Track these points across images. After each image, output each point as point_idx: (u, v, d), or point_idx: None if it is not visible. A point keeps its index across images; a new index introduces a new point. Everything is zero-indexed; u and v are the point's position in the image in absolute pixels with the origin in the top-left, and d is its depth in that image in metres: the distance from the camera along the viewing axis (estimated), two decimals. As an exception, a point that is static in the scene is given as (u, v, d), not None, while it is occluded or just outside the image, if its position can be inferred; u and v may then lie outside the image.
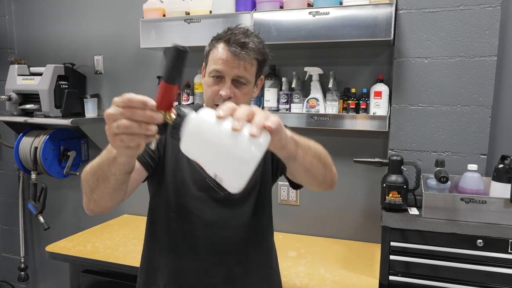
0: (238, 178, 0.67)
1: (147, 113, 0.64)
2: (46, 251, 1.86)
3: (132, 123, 0.64)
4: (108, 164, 0.78)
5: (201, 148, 0.68)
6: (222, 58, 1.04)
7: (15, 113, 2.35)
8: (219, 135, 0.66)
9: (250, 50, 1.05)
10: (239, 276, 1.14)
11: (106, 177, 0.80)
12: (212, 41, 1.10)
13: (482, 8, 1.64)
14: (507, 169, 1.50)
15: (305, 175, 0.90)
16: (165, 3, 2.04)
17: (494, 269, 1.36)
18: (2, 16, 2.62)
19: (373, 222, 1.94)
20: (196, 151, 0.69)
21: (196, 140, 0.67)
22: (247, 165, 0.66)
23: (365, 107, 1.82)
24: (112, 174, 0.79)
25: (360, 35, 1.66)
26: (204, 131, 0.66)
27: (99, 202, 0.88)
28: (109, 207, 0.90)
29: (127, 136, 0.65)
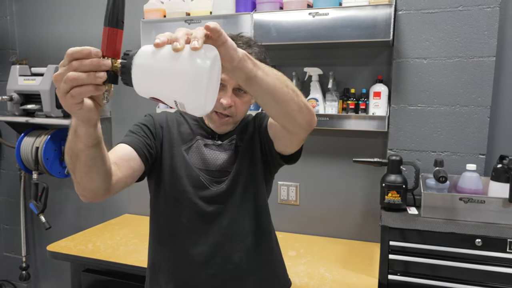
0: (196, 95, 0.65)
1: (93, 61, 0.63)
2: (47, 250, 1.87)
3: (79, 74, 0.62)
4: (74, 141, 0.76)
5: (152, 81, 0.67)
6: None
7: (17, 113, 2.36)
8: (163, 62, 0.65)
9: None
10: (238, 264, 1.14)
11: (76, 155, 0.79)
12: None
13: (481, 9, 1.65)
14: (505, 169, 1.50)
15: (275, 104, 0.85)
16: (165, 4, 2.05)
17: (492, 268, 1.37)
18: (4, 17, 2.63)
19: (373, 222, 1.95)
20: (148, 86, 0.67)
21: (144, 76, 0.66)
22: (199, 79, 0.64)
23: (364, 107, 1.82)
24: (79, 150, 0.77)
25: (359, 36, 1.67)
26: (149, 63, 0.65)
27: (82, 184, 0.85)
28: (94, 188, 0.86)
29: (77, 89, 0.63)
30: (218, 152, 1.15)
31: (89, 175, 0.83)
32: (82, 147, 0.76)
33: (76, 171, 0.82)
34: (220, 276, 1.13)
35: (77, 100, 0.65)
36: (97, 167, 0.82)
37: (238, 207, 1.14)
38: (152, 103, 2.30)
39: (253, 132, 1.18)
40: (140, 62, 0.66)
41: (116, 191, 0.93)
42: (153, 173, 1.14)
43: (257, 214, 1.18)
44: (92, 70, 0.63)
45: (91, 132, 0.74)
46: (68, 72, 0.63)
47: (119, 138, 1.07)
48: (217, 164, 1.14)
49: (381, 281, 1.47)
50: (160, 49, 0.65)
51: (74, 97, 0.64)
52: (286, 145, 1.08)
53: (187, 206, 1.12)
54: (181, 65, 0.64)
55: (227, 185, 1.13)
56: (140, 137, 1.07)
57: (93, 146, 0.77)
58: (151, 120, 1.15)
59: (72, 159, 0.80)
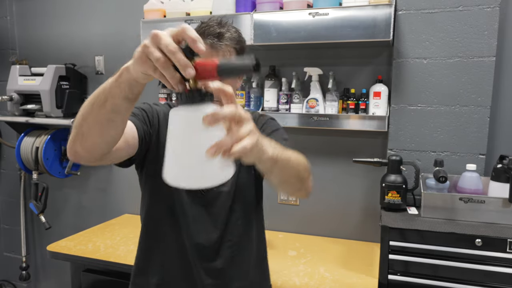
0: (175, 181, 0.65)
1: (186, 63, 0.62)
2: (48, 250, 1.87)
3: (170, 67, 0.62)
4: (111, 83, 0.72)
5: (175, 134, 0.65)
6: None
7: (17, 113, 2.36)
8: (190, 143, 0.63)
9: (227, 39, 1.02)
10: (224, 269, 1.13)
11: (104, 101, 0.73)
12: None
13: (481, 9, 1.65)
14: (505, 169, 1.50)
15: (277, 185, 0.91)
16: (165, 4, 2.05)
17: (492, 268, 1.37)
18: (4, 17, 2.63)
19: (373, 222, 1.95)
20: (172, 131, 0.66)
21: (179, 125, 0.65)
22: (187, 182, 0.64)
23: (364, 107, 1.82)
24: (111, 96, 0.72)
25: (359, 36, 1.67)
26: (186, 126, 0.64)
27: (87, 136, 0.78)
28: (97, 146, 0.80)
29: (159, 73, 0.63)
30: None
31: (101, 128, 0.77)
32: (116, 94, 0.72)
33: (91, 118, 0.76)
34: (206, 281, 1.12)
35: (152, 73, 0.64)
36: (114, 124, 0.78)
37: (224, 209, 1.12)
38: (153, 97, 2.30)
39: None
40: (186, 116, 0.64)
41: (107, 161, 0.88)
42: (145, 165, 1.10)
43: (246, 216, 1.16)
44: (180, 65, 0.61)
45: (136, 85, 0.71)
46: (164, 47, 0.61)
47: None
48: None
49: (381, 281, 1.47)
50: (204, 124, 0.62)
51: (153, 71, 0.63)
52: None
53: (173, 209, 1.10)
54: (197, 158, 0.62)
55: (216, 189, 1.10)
56: (139, 120, 1.04)
57: (126, 99, 0.72)
58: (149, 108, 1.10)
59: (94, 105, 0.75)
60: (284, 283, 1.54)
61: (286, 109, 1.94)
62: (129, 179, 2.38)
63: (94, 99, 0.75)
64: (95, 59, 2.45)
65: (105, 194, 2.53)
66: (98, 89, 0.75)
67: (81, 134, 0.79)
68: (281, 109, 1.95)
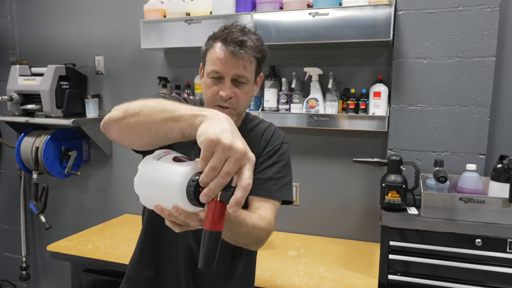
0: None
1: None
2: (48, 250, 1.87)
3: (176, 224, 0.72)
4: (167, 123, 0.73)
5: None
6: (220, 58, 1.02)
7: (17, 113, 2.36)
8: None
9: (249, 48, 1.03)
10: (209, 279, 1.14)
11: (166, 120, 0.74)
12: (209, 41, 1.07)
13: (481, 9, 1.65)
14: (505, 169, 1.50)
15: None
16: (165, 4, 2.05)
17: (492, 268, 1.37)
18: (4, 17, 2.63)
19: (373, 222, 1.95)
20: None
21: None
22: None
23: (364, 107, 1.82)
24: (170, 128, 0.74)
25: (359, 36, 1.67)
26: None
27: (130, 128, 0.80)
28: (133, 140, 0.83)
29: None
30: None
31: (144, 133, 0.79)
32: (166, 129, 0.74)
33: (145, 119, 0.77)
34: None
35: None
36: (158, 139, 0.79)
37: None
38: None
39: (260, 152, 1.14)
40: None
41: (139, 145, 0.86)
42: None
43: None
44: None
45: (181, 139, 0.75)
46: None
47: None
48: None
49: (381, 281, 1.47)
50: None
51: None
52: None
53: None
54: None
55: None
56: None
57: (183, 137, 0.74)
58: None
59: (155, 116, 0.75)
60: (284, 283, 1.54)
61: (286, 109, 1.94)
62: (129, 179, 2.38)
63: (160, 110, 0.75)
64: (95, 59, 2.45)
65: (105, 194, 2.53)
66: (171, 104, 0.75)
67: (128, 125, 0.79)
68: (281, 109, 1.95)
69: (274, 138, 1.17)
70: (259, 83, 1.15)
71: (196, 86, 2.13)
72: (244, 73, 1.04)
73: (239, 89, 1.06)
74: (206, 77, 1.07)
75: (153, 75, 2.27)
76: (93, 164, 2.55)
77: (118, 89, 2.43)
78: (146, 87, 2.32)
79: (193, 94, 2.15)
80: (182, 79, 2.24)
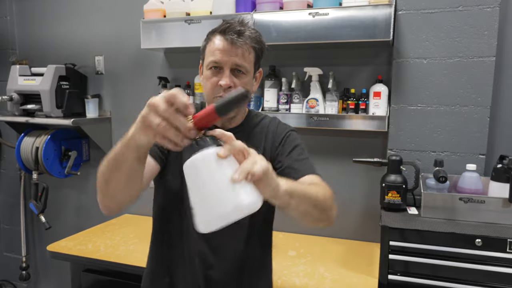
0: (208, 225, 0.70)
1: (187, 126, 0.69)
2: (48, 250, 1.87)
3: (170, 129, 0.68)
4: (122, 151, 0.79)
5: (197, 179, 0.70)
6: (219, 48, 1.02)
7: (17, 113, 2.36)
8: (214, 179, 0.68)
9: (247, 37, 1.03)
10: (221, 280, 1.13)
11: (120, 165, 0.80)
12: (208, 36, 1.08)
13: (481, 9, 1.65)
14: (505, 169, 1.50)
15: (297, 218, 0.90)
16: (165, 4, 2.05)
17: (492, 268, 1.37)
18: (4, 17, 2.63)
19: (373, 222, 1.95)
20: (192, 178, 0.71)
21: (196, 170, 0.70)
22: (225, 216, 0.67)
23: (364, 107, 1.82)
24: (124, 160, 0.79)
25: (359, 36, 1.67)
26: (205, 167, 0.69)
27: (113, 195, 0.87)
28: (125, 201, 0.89)
29: (161, 137, 0.69)
30: None
31: (124, 187, 0.85)
32: (128, 157, 0.79)
33: (112, 181, 0.84)
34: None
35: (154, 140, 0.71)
36: (135, 182, 0.85)
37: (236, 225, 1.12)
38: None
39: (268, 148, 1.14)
40: (199, 160, 0.69)
41: (135, 201, 0.93)
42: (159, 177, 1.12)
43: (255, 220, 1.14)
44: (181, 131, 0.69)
45: (141, 150, 0.78)
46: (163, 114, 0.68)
47: (119, 138, 1.07)
48: None
49: (381, 281, 1.47)
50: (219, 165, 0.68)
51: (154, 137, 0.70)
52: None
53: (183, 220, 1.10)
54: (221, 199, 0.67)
55: None
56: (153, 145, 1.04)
57: (139, 159, 0.80)
58: None
59: (112, 169, 0.82)
60: (284, 283, 1.54)
61: (286, 109, 1.94)
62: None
63: (111, 165, 0.83)
64: (95, 59, 2.45)
65: (105, 194, 2.53)
66: (111, 155, 0.82)
67: (109, 195, 0.88)
68: (281, 109, 1.95)
69: (280, 130, 1.16)
70: (259, 79, 1.14)
71: (196, 86, 2.13)
72: (243, 63, 1.03)
73: (238, 79, 1.05)
74: (206, 69, 1.06)
75: (153, 75, 2.27)
76: (93, 164, 2.55)
77: (118, 89, 2.43)
78: (146, 87, 2.32)
79: (193, 94, 2.15)
80: (182, 79, 2.24)
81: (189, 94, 2.14)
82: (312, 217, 0.91)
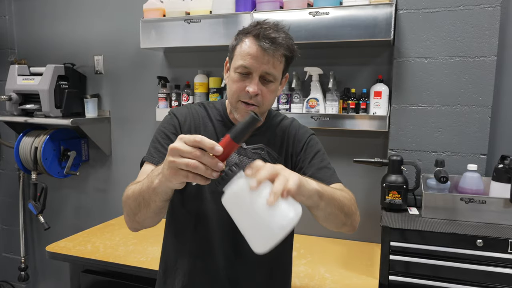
0: (263, 245, 0.74)
1: (214, 160, 0.72)
2: (46, 251, 1.86)
3: (200, 165, 0.71)
4: (149, 193, 0.84)
5: (238, 210, 0.76)
6: (251, 54, 1.00)
7: (15, 113, 2.36)
8: (253, 207, 0.72)
9: (280, 45, 1.00)
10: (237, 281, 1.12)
11: (147, 204, 0.87)
12: (239, 35, 1.05)
13: (482, 8, 1.64)
14: (506, 169, 1.50)
15: (323, 220, 0.95)
16: (165, 3, 2.04)
17: (493, 269, 1.36)
18: (3, 16, 2.62)
19: (373, 222, 1.94)
20: (234, 210, 0.76)
21: (235, 202, 0.75)
22: (274, 237, 0.72)
23: (365, 107, 1.82)
24: (152, 201, 0.85)
25: (360, 35, 1.66)
26: (242, 198, 0.74)
27: (142, 223, 0.95)
28: (152, 225, 0.97)
29: (193, 175, 0.73)
30: (239, 157, 1.09)
31: (153, 219, 0.93)
32: (156, 200, 0.85)
33: (140, 214, 0.91)
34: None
35: (186, 180, 0.74)
36: (162, 213, 0.92)
37: None
38: (150, 103, 2.29)
39: (289, 153, 1.15)
40: (236, 190, 0.74)
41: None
42: None
43: None
44: (210, 166, 0.72)
45: (170, 192, 0.83)
46: (189, 156, 0.72)
47: (118, 138, 1.07)
48: None
49: (381, 282, 1.47)
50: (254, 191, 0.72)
51: (188, 178, 0.73)
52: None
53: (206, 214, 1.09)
54: (266, 219, 0.71)
55: None
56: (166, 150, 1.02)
57: (166, 200, 0.86)
58: (176, 124, 1.10)
59: (141, 206, 0.88)
60: (284, 284, 1.53)
61: (286, 109, 1.93)
62: (128, 179, 2.37)
63: (138, 203, 0.89)
64: (94, 58, 2.44)
65: (105, 194, 2.52)
66: (138, 194, 0.88)
67: (137, 222, 0.95)
68: (281, 109, 1.94)
69: (300, 134, 1.17)
70: (284, 83, 1.13)
71: (196, 86, 2.12)
72: (273, 71, 1.02)
73: (266, 87, 1.03)
74: (233, 71, 1.04)
75: (152, 75, 2.27)
76: (92, 164, 2.54)
77: (117, 88, 2.42)
78: (146, 87, 2.31)
79: (192, 94, 2.14)
80: (182, 79, 2.23)
81: (189, 94, 2.13)
82: (338, 220, 0.95)
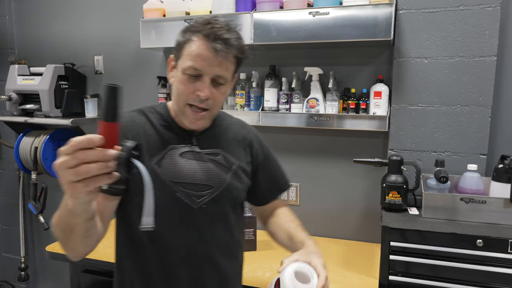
0: None
1: (101, 152, 0.64)
2: (46, 251, 1.86)
3: (90, 165, 0.63)
4: (69, 217, 0.77)
5: None
6: (202, 55, 0.94)
7: (15, 113, 2.35)
8: None
9: (233, 47, 0.95)
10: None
11: (71, 229, 0.80)
12: (187, 33, 0.97)
13: (482, 8, 1.64)
14: (506, 169, 1.50)
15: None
16: (165, 3, 2.04)
17: (493, 269, 1.36)
18: (3, 16, 2.62)
19: (373, 222, 1.94)
20: None
21: None
22: None
23: (365, 107, 1.82)
24: (75, 224, 0.79)
25: (360, 35, 1.66)
26: None
27: (75, 250, 0.88)
28: (89, 251, 0.91)
29: (90, 180, 0.64)
30: (196, 162, 1.03)
31: (84, 243, 0.86)
32: (79, 221, 0.78)
33: (70, 241, 0.84)
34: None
35: (90, 188, 0.66)
36: (92, 235, 0.86)
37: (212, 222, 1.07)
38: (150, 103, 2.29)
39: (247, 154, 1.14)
40: None
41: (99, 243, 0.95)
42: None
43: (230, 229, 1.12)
44: (100, 160, 0.64)
45: (89, 209, 0.76)
46: (74, 162, 0.63)
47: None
48: (196, 176, 1.02)
49: (381, 282, 1.47)
50: None
51: (88, 186, 0.65)
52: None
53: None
54: None
55: (207, 201, 1.03)
56: None
57: (89, 219, 0.79)
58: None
59: (66, 232, 0.82)
60: (284, 284, 1.53)
61: (286, 109, 1.93)
62: (128, 179, 2.37)
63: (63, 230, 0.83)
64: (94, 58, 2.44)
65: (104, 194, 2.52)
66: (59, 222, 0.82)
67: (70, 249, 0.89)
68: (281, 109, 1.94)
69: (251, 136, 1.17)
70: (233, 83, 1.08)
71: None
72: (225, 74, 0.97)
73: (217, 90, 0.98)
74: (181, 73, 0.97)
75: (152, 75, 2.27)
76: (92, 164, 2.54)
77: (117, 88, 2.41)
78: (146, 87, 2.31)
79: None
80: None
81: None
82: None
